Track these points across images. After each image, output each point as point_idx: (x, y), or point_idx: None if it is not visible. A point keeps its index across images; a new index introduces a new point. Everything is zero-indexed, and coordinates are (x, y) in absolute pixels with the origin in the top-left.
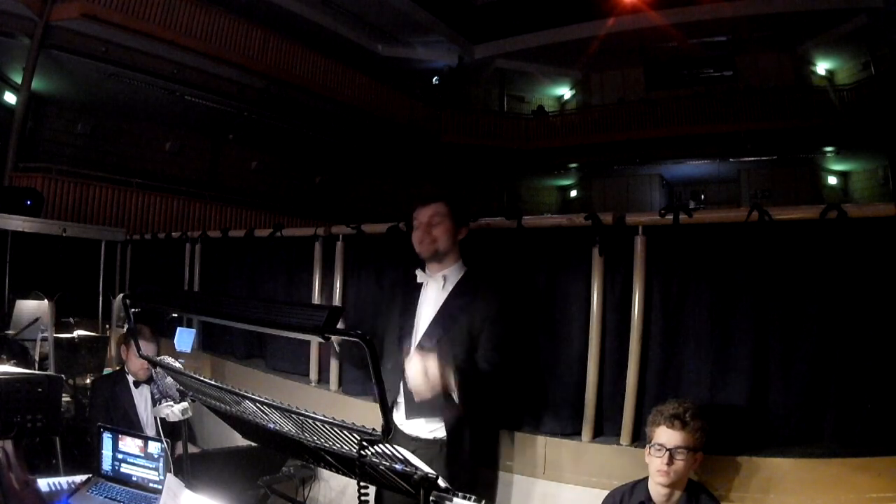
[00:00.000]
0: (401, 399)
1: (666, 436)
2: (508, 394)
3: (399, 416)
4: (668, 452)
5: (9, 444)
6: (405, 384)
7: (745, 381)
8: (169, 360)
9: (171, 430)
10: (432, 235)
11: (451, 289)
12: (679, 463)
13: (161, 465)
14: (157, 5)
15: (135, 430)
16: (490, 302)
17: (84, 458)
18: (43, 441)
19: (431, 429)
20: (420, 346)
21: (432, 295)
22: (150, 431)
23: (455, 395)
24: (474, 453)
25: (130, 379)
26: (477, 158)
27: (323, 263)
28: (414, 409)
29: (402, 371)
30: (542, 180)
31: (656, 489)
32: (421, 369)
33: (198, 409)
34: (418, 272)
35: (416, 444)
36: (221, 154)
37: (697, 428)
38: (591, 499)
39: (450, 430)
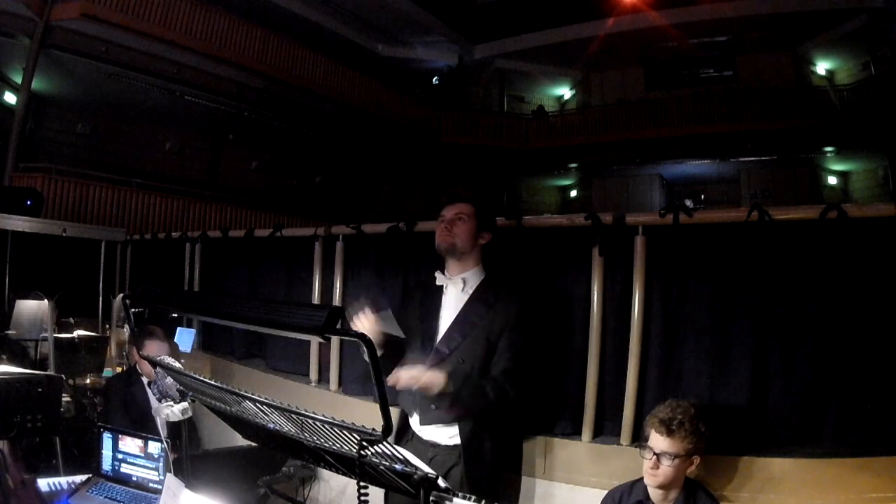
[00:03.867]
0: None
1: (654, 440)
2: (530, 399)
3: (415, 422)
4: (655, 456)
5: (5, 444)
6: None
7: (745, 381)
8: (169, 360)
9: (172, 431)
10: (452, 231)
11: (470, 293)
12: (666, 468)
13: (161, 465)
14: (157, 5)
15: (151, 429)
16: (510, 309)
17: (84, 458)
18: (43, 441)
19: (450, 434)
20: (437, 352)
21: (452, 299)
22: (166, 431)
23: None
24: (494, 459)
25: (144, 379)
26: (477, 158)
27: (323, 263)
28: (428, 416)
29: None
30: (542, 180)
31: (652, 488)
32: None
33: (198, 409)
34: (438, 274)
35: (435, 450)
36: (221, 154)
37: (686, 436)
38: (591, 499)
39: (465, 435)
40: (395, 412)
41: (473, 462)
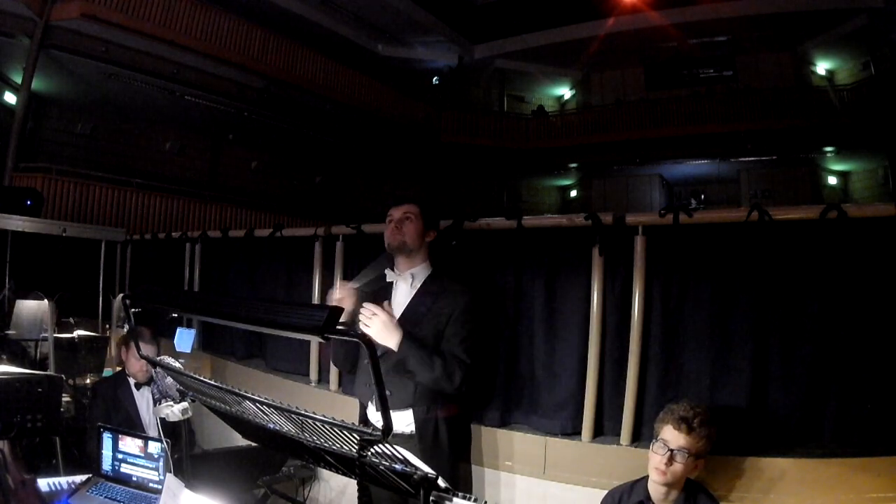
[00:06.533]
0: (374, 395)
1: (670, 435)
2: (480, 390)
3: (371, 411)
4: (669, 452)
5: (6, 444)
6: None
7: (746, 382)
8: (169, 360)
9: (171, 431)
10: (401, 231)
11: (418, 287)
12: (678, 465)
13: (161, 465)
14: (157, 5)
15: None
16: (456, 299)
17: (84, 458)
18: (43, 441)
19: (406, 422)
20: None
21: (401, 293)
22: (153, 433)
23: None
24: (450, 447)
25: (131, 381)
26: (477, 158)
27: (323, 263)
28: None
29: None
30: (542, 180)
31: (654, 487)
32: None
33: (198, 409)
34: (388, 271)
35: (394, 439)
36: (221, 154)
37: (704, 435)
38: (591, 499)
39: (418, 423)
40: (353, 402)
41: (429, 450)
